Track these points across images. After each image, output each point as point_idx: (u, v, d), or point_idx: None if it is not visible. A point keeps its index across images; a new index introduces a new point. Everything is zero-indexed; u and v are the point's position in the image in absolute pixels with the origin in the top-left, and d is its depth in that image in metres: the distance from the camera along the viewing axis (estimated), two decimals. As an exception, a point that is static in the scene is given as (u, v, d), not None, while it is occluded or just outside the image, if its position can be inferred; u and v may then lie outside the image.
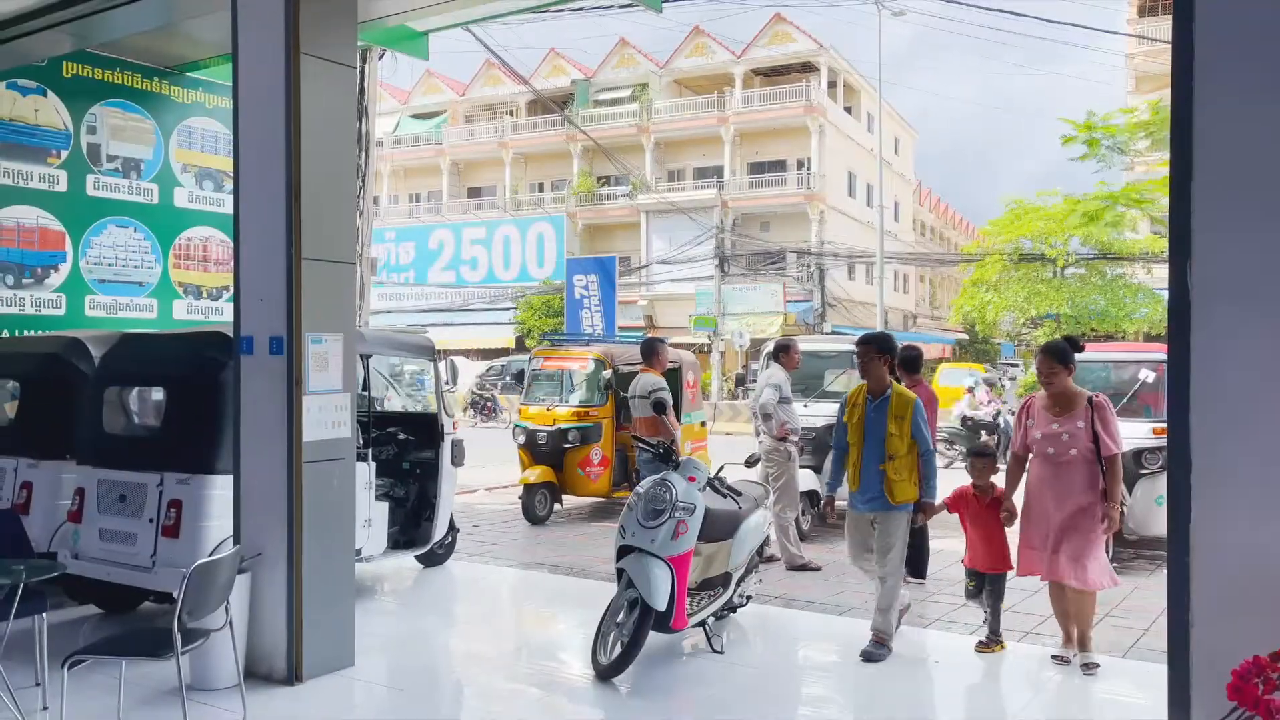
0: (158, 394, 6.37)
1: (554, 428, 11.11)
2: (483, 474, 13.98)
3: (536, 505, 10.91)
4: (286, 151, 5.13)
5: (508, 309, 39.68)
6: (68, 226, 8.19)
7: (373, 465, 6.83)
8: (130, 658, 4.29)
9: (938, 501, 5.82)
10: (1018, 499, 5.69)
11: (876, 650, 5.60)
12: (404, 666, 5.76)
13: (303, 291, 5.13)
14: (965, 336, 46.16)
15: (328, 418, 5.25)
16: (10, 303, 7.87)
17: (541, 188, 44.57)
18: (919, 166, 56.03)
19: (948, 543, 8.27)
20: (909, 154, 52.18)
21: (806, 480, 9.27)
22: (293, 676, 5.10)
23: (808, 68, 40.52)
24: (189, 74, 8.98)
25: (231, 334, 5.49)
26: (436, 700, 5.32)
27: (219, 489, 5.50)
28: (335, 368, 5.30)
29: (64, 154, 8.21)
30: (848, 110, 42.73)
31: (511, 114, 45.22)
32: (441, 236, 43.46)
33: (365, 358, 6.75)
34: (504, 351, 38.04)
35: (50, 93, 8.12)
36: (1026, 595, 7.08)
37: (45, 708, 4.66)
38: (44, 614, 4.68)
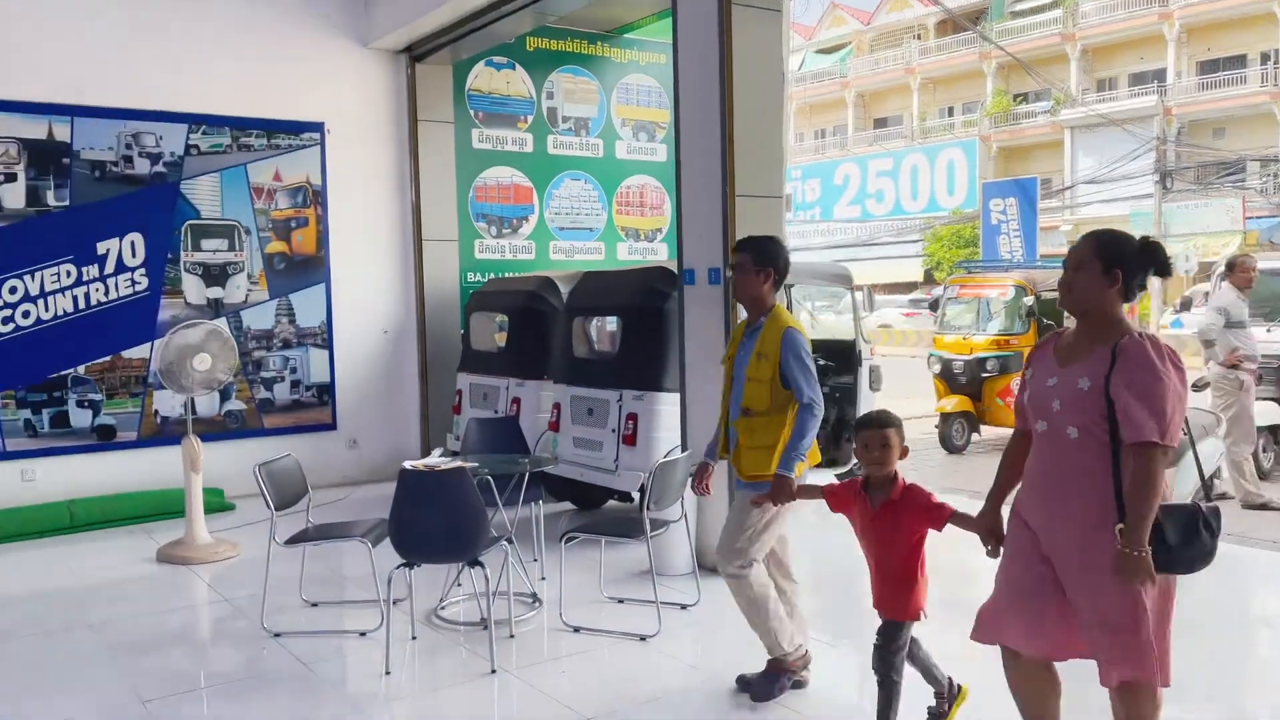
0: (613, 323, 7.31)
1: (971, 357, 10.94)
2: (895, 405, 14.06)
3: (954, 434, 10.87)
4: (721, 97, 5.62)
5: (915, 241, 38.67)
6: (534, 182, 9.56)
7: (797, 387, 7.29)
8: (611, 537, 5.16)
9: (801, 478, 3.83)
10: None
11: (764, 684, 4.00)
12: (825, 570, 6.17)
13: (736, 226, 5.62)
14: None
15: (761, 340, 5.73)
16: (494, 250, 9.40)
17: (951, 112, 42.53)
18: None
19: None
20: None
21: (1271, 413, 8.35)
22: (734, 570, 5.70)
23: (1277, -60, 34.40)
24: (624, 35, 9.94)
25: (674, 269, 6.19)
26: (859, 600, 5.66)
27: (667, 404, 6.27)
28: (767, 294, 5.76)
29: (529, 119, 9.54)
30: (1332, -16, 35.71)
31: (919, 37, 43.51)
32: (847, 171, 43.23)
33: (788, 287, 7.19)
34: (911, 286, 37.26)
35: (518, 66, 9.46)
36: None
37: (543, 578, 5.69)
38: (540, 501, 5.69)
